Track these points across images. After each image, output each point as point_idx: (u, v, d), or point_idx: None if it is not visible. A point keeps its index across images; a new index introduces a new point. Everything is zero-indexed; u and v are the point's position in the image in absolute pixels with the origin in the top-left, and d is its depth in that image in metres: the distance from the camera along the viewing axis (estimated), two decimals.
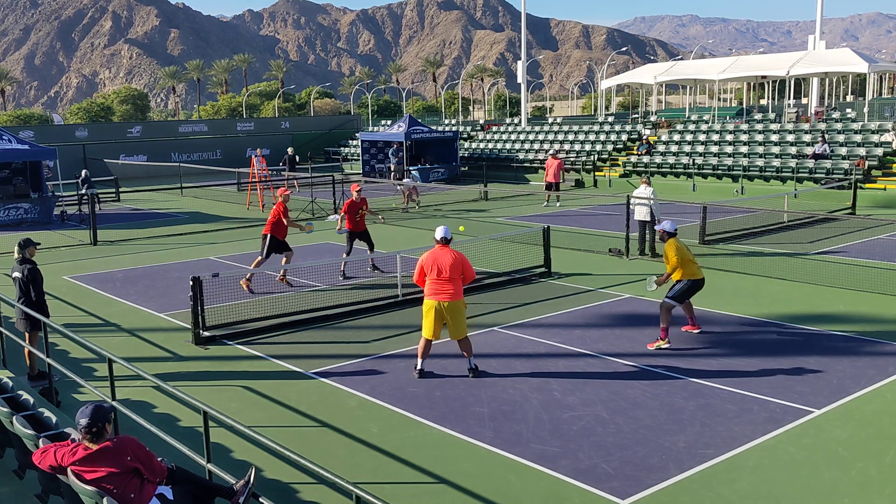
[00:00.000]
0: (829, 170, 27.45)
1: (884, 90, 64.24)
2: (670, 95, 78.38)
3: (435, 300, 9.62)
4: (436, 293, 9.62)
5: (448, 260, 9.63)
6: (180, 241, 21.39)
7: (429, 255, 9.78)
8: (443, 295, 9.59)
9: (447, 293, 9.59)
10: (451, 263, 9.62)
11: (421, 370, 9.89)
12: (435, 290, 9.63)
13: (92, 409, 5.26)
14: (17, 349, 10.39)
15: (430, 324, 9.69)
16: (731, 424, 8.23)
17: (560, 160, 27.35)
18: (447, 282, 9.60)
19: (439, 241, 9.85)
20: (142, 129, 47.62)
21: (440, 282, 9.61)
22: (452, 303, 9.60)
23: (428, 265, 9.70)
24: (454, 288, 9.62)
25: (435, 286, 9.63)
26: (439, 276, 9.60)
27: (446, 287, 9.60)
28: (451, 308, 9.61)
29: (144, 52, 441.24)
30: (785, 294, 13.85)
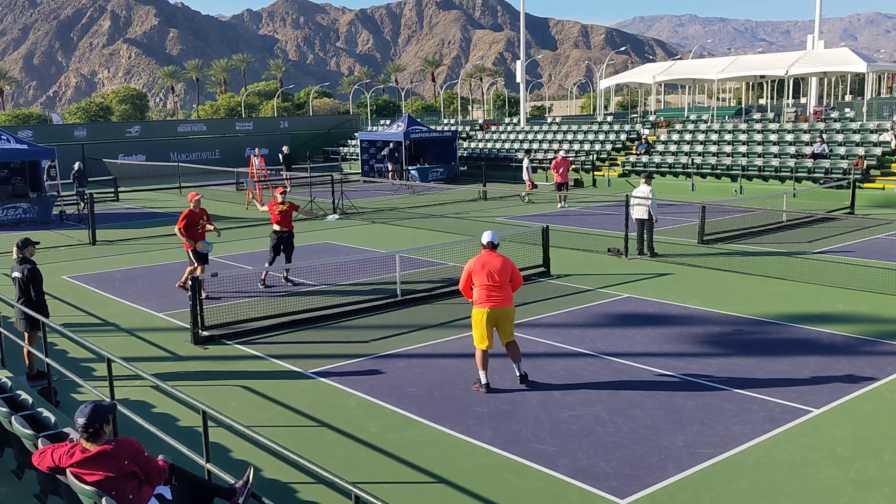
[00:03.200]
0: (827, 169, 27.46)
1: (882, 90, 64.27)
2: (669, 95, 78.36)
3: (486, 307, 9.22)
4: (486, 300, 9.23)
5: (497, 265, 9.30)
6: (179, 241, 21.31)
7: (476, 261, 9.40)
8: (493, 301, 9.21)
9: (497, 299, 9.22)
10: (500, 268, 9.28)
11: (487, 384, 9.34)
12: (485, 296, 9.24)
13: (91, 408, 5.23)
14: (17, 349, 10.38)
15: (483, 333, 9.27)
16: (730, 424, 8.23)
17: (567, 160, 27.36)
18: (497, 287, 9.24)
19: (486, 245, 9.48)
20: (140, 128, 47.61)
21: (490, 288, 9.23)
22: (503, 309, 9.25)
23: (476, 271, 9.33)
24: (504, 294, 9.27)
25: (484, 293, 9.25)
26: (489, 282, 9.23)
27: (496, 293, 9.23)
28: (502, 314, 9.26)
29: (143, 52, 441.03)
30: (783, 294, 13.86)
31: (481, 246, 9.55)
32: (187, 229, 14.24)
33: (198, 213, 14.37)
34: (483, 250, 9.49)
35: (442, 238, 20.28)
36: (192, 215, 14.29)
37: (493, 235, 9.56)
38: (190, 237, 14.29)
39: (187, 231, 14.25)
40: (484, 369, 9.37)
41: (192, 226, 14.27)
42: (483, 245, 9.53)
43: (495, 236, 9.57)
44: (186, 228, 14.24)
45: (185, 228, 14.24)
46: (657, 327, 11.93)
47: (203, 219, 14.42)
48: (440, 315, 12.84)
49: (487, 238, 9.53)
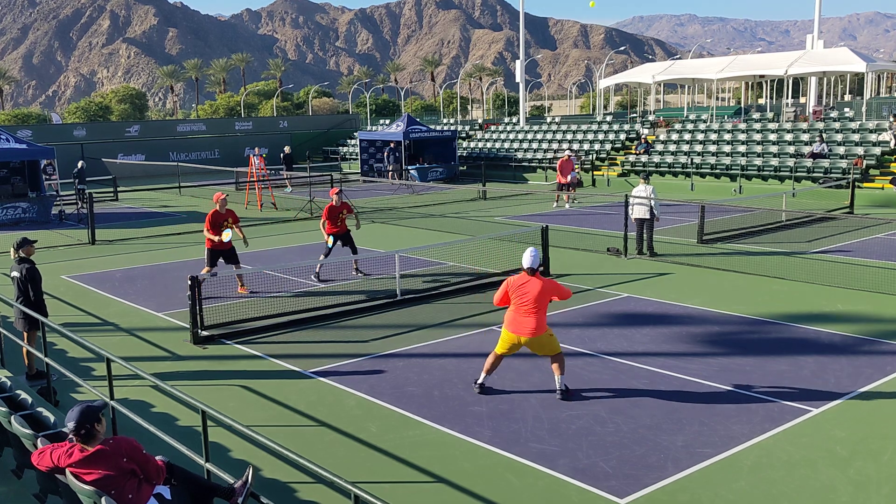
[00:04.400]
0: (826, 169, 27.47)
1: (882, 89, 64.25)
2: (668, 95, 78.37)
3: (515, 334, 8.83)
4: (518, 326, 8.80)
5: (535, 291, 8.78)
6: (179, 241, 21.38)
7: (515, 281, 8.95)
8: (524, 329, 8.78)
9: (529, 328, 8.76)
10: (538, 294, 8.77)
11: (482, 385, 9.22)
12: (517, 322, 8.81)
13: (78, 411, 5.22)
14: (16, 349, 10.38)
15: (505, 349, 9.03)
16: (730, 424, 8.24)
17: (573, 161, 27.28)
18: (530, 314, 8.77)
19: (525, 269, 8.95)
20: (140, 128, 47.57)
21: (523, 313, 8.79)
22: (533, 339, 8.82)
23: (513, 290, 8.89)
24: (537, 322, 8.77)
25: (516, 318, 8.83)
26: (523, 307, 8.78)
27: (528, 321, 8.77)
28: (533, 343, 8.87)
29: (142, 52, 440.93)
30: (783, 293, 13.86)
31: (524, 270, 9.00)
32: (213, 230, 14.20)
33: (223, 215, 14.32)
34: (522, 271, 8.99)
35: (441, 238, 20.28)
36: (217, 216, 14.26)
37: (533, 259, 8.94)
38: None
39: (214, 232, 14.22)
40: (488, 372, 9.23)
41: (216, 227, 14.23)
42: (524, 269, 8.98)
43: (536, 260, 8.96)
44: (212, 229, 14.20)
45: (211, 230, 14.19)
46: (656, 327, 11.94)
47: (229, 220, 14.36)
48: (440, 315, 12.84)
49: (527, 261, 8.95)
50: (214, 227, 14.20)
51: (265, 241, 20.95)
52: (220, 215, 14.28)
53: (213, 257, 14.38)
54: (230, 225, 14.37)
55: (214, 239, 14.18)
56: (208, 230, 14.21)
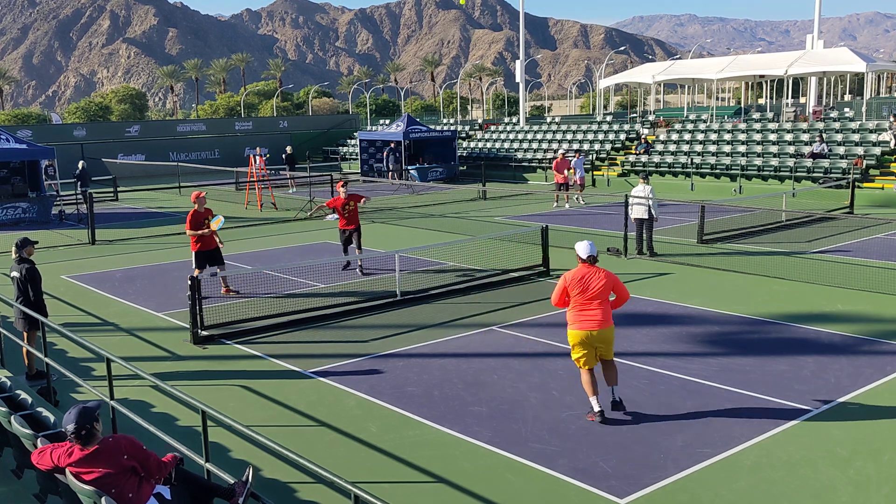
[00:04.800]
0: (826, 169, 27.47)
1: (882, 89, 64.26)
2: (668, 95, 78.40)
3: (583, 329, 8.31)
4: (583, 321, 8.31)
5: (597, 280, 8.34)
6: (178, 241, 21.36)
7: (573, 275, 8.42)
8: (591, 322, 8.29)
9: (595, 320, 8.29)
10: (602, 284, 8.34)
11: (601, 412, 8.34)
12: (581, 317, 8.32)
13: (76, 413, 5.22)
14: (16, 349, 10.38)
15: (585, 354, 8.41)
16: (729, 424, 8.23)
17: (568, 160, 27.28)
18: (596, 307, 8.31)
19: (584, 259, 8.45)
20: (140, 128, 47.56)
21: (587, 306, 8.31)
22: (602, 331, 8.32)
23: (572, 286, 8.36)
24: (603, 314, 8.34)
25: (581, 312, 8.33)
26: (586, 300, 8.32)
27: (594, 313, 8.30)
28: (601, 337, 8.35)
29: (142, 52, 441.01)
30: (783, 293, 13.86)
31: (578, 260, 8.52)
32: (194, 230, 14.18)
33: (203, 213, 14.29)
34: (580, 264, 8.48)
35: (441, 238, 20.28)
36: (197, 215, 14.23)
37: (591, 247, 8.49)
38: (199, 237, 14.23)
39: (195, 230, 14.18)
40: (594, 394, 8.40)
41: (198, 227, 14.20)
42: (581, 259, 8.48)
43: (594, 248, 8.51)
44: (194, 229, 14.18)
45: (193, 229, 14.18)
46: (656, 327, 11.94)
47: (209, 218, 14.32)
48: (440, 315, 12.84)
49: (586, 251, 8.46)
50: (195, 226, 14.18)
51: (265, 241, 20.95)
52: (199, 214, 14.25)
53: (201, 259, 14.34)
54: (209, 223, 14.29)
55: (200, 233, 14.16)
56: (189, 230, 14.20)
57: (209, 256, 14.39)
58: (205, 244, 14.27)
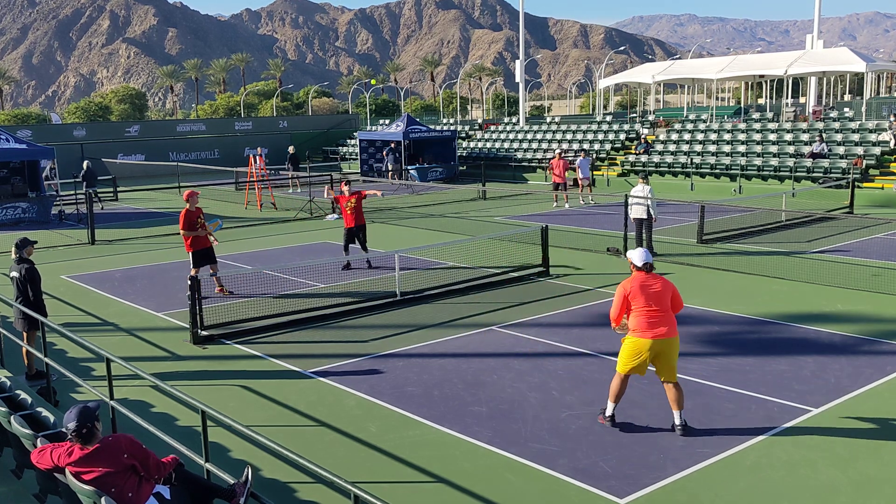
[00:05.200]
0: (826, 169, 27.47)
1: (881, 89, 64.26)
2: (668, 95, 78.36)
3: (649, 338, 7.82)
4: (650, 328, 7.85)
5: (658, 288, 7.99)
6: (178, 241, 21.29)
7: (632, 283, 8.04)
8: (659, 329, 7.83)
9: (662, 329, 7.84)
10: (662, 291, 7.97)
11: (612, 417, 8.18)
12: (648, 324, 7.86)
13: (77, 412, 5.24)
14: (15, 349, 10.38)
15: (635, 363, 7.96)
16: (729, 423, 8.23)
17: (566, 160, 27.27)
18: (662, 314, 7.90)
19: (641, 267, 8.11)
20: (140, 128, 47.54)
21: (652, 314, 7.87)
22: (668, 340, 7.87)
23: (634, 294, 7.95)
24: (668, 322, 7.91)
25: (645, 320, 7.88)
26: (651, 308, 7.89)
27: (660, 321, 7.86)
28: (667, 347, 7.88)
29: (142, 52, 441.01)
30: (782, 293, 13.86)
31: (633, 268, 8.16)
32: (188, 230, 14.17)
33: (195, 212, 14.29)
34: (636, 272, 8.14)
35: (441, 238, 20.28)
36: (190, 214, 14.21)
37: (646, 255, 8.21)
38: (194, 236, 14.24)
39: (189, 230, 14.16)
40: (615, 401, 8.15)
41: (192, 226, 14.19)
42: (637, 266, 8.13)
43: (649, 255, 8.25)
44: (188, 229, 14.17)
45: (187, 229, 14.18)
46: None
47: (200, 217, 14.34)
48: (439, 315, 12.84)
49: (642, 258, 8.14)
50: (190, 226, 14.17)
51: (265, 241, 20.95)
52: (192, 213, 14.25)
53: (198, 259, 14.34)
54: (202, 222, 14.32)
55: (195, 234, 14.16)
56: (184, 230, 14.18)
57: (205, 255, 14.40)
58: (200, 243, 14.27)
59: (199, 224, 14.25)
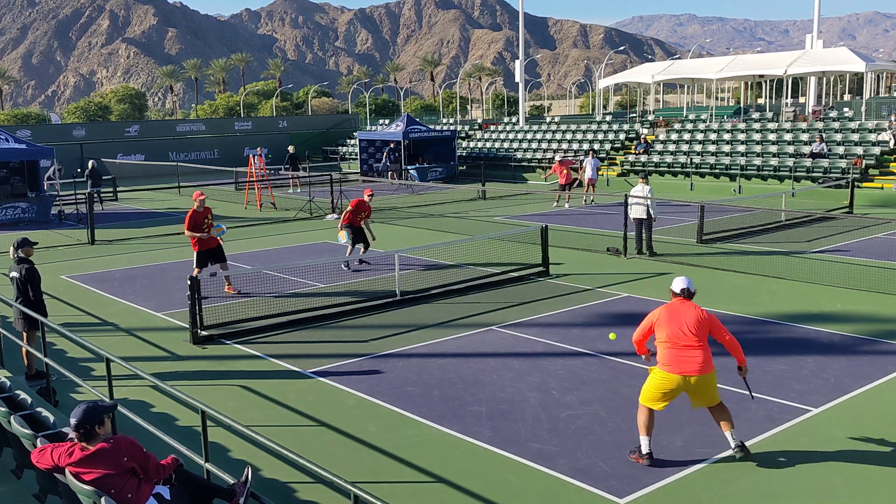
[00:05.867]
0: (826, 169, 27.48)
1: (881, 89, 64.27)
2: (668, 94, 78.35)
3: (677, 374, 7.17)
4: (677, 362, 7.19)
5: (692, 317, 7.29)
6: (178, 241, 21.36)
7: (663, 311, 7.46)
8: (690, 365, 7.15)
9: (696, 363, 7.16)
10: (696, 322, 7.26)
11: (650, 454, 7.39)
12: (676, 358, 7.21)
13: (83, 409, 5.24)
14: (15, 349, 10.38)
15: (660, 396, 7.32)
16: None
17: (569, 160, 27.18)
18: (693, 347, 7.20)
19: (678, 293, 7.53)
20: (139, 128, 47.53)
21: (680, 347, 7.21)
22: (703, 377, 7.18)
23: (662, 322, 7.37)
24: (701, 356, 7.19)
25: (673, 352, 7.23)
26: (679, 339, 7.23)
27: (694, 354, 7.18)
28: (701, 384, 7.21)
29: (142, 52, 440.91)
30: (782, 293, 13.87)
31: (671, 294, 7.63)
32: (193, 230, 14.21)
33: (202, 213, 14.31)
34: (673, 298, 7.57)
35: (441, 238, 20.28)
36: (196, 215, 14.26)
37: (687, 282, 7.59)
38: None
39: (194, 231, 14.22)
40: (647, 435, 7.42)
41: (197, 226, 14.23)
42: (674, 292, 7.57)
43: (691, 283, 7.61)
44: (192, 229, 14.21)
45: (191, 229, 14.21)
46: None
47: (207, 218, 14.36)
48: (439, 315, 12.84)
49: (681, 284, 7.56)
50: (195, 227, 14.19)
51: (265, 241, 20.95)
52: (198, 214, 14.28)
53: (203, 258, 14.36)
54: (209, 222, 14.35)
55: (198, 235, 14.18)
56: (188, 231, 14.22)
57: (211, 255, 14.42)
58: (207, 243, 14.33)
59: (206, 225, 14.28)
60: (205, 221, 14.29)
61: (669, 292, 7.65)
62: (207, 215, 14.39)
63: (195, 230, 14.19)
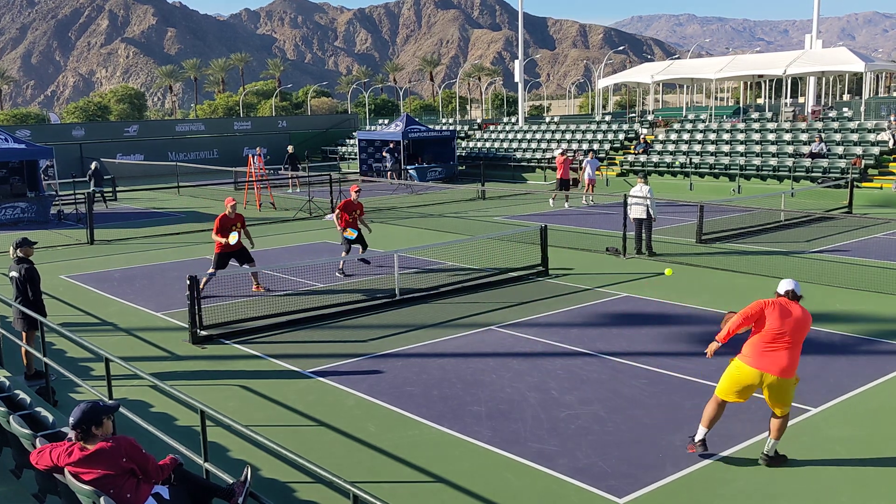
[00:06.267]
0: (825, 169, 27.49)
1: (880, 89, 64.32)
2: (667, 94, 78.40)
3: (760, 369, 7.04)
4: (761, 358, 7.06)
5: (798, 321, 7.11)
6: (177, 241, 21.37)
7: (775, 304, 7.22)
8: (773, 365, 7.02)
9: (779, 365, 7.01)
10: (801, 326, 7.10)
11: (703, 442, 7.35)
12: (761, 353, 7.08)
13: (82, 409, 5.24)
14: (14, 348, 10.37)
15: (737, 389, 7.23)
16: (728, 423, 8.22)
17: (568, 158, 27.13)
18: (786, 349, 7.05)
19: (783, 294, 7.30)
20: (139, 128, 47.50)
21: (776, 344, 7.05)
22: (781, 381, 7.04)
23: (771, 313, 7.13)
24: (790, 359, 7.05)
25: (764, 349, 7.07)
26: (779, 338, 7.05)
27: (781, 355, 7.03)
28: (778, 386, 7.06)
29: (141, 51, 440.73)
30: None
31: (776, 295, 7.37)
32: (221, 234, 14.15)
33: (232, 219, 14.26)
34: (781, 298, 7.30)
35: (440, 237, 20.28)
36: (227, 220, 14.22)
37: (794, 284, 7.35)
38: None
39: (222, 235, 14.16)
40: (708, 427, 7.37)
41: (224, 231, 14.17)
42: (779, 294, 7.34)
43: (798, 286, 7.36)
44: (220, 233, 14.15)
45: (220, 234, 14.14)
46: (655, 326, 11.94)
47: (237, 225, 14.29)
48: (438, 315, 12.84)
49: (785, 286, 7.34)
50: (223, 231, 14.18)
51: (264, 241, 20.92)
52: (228, 220, 14.28)
53: (222, 260, 14.38)
54: (238, 229, 14.34)
55: (222, 241, 14.17)
56: (216, 234, 14.20)
57: (233, 256, 14.44)
58: (228, 246, 14.30)
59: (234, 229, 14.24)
60: (232, 228, 14.22)
61: (774, 294, 7.40)
62: (238, 222, 14.31)
63: (223, 234, 14.14)
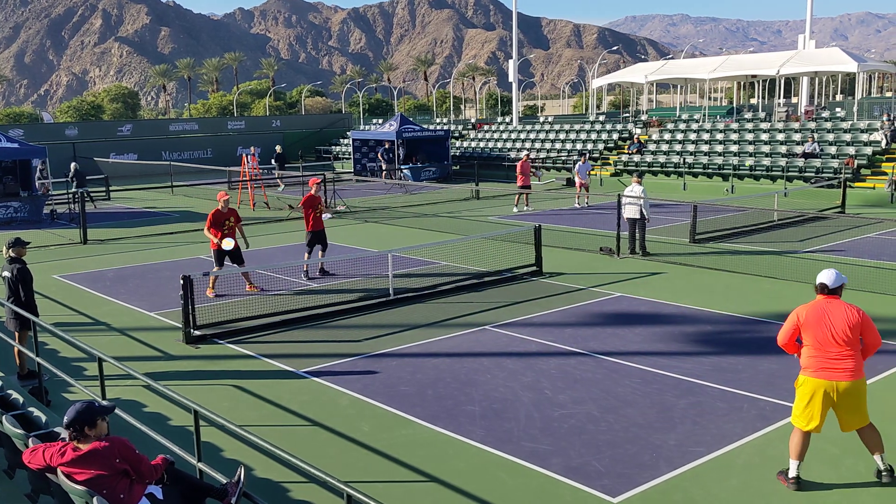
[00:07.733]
0: (818, 169, 27.57)
1: (873, 89, 64.56)
2: (661, 94, 78.48)
3: (824, 378, 6.62)
4: (825, 368, 6.62)
5: (842, 318, 6.61)
6: (171, 240, 21.33)
7: (810, 311, 6.76)
8: (838, 372, 6.59)
9: (845, 370, 6.59)
10: (850, 324, 6.60)
11: (797, 479, 6.82)
12: (823, 363, 6.63)
13: (76, 409, 5.24)
14: (7, 348, 10.35)
15: (814, 412, 6.71)
16: (722, 422, 8.26)
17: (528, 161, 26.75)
18: (843, 352, 6.60)
19: (823, 290, 6.83)
20: (132, 127, 47.42)
21: (828, 351, 6.63)
22: (852, 384, 6.61)
23: (809, 324, 6.71)
24: (854, 362, 6.63)
25: (820, 357, 6.65)
26: (828, 342, 6.62)
27: (842, 360, 6.60)
28: (850, 392, 6.63)
29: (135, 51, 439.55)
30: (775, 292, 13.91)
31: (816, 290, 6.92)
32: (214, 229, 14.16)
33: (225, 214, 14.28)
34: (819, 296, 6.86)
35: (434, 237, 20.28)
36: (219, 215, 14.23)
37: (836, 277, 6.82)
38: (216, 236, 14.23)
39: (214, 231, 14.16)
40: (798, 458, 6.82)
41: (217, 225, 14.18)
42: (819, 290, 6.87)
43: (840, 278, 6.84)
44: (213, 228, 14.16)
45: (212, 228, 14.15)
46: (649, 326, 11.96)
47: (230, 220, 14.31)
48: (432, 314, 12.84)
49: (828, 278, 6.82)
50: (216, 225, 14.18)
51: (257, 241, 20.88)
52: (221, 214, 14.27)
53: (220, 257, 14.40)
54: (231, 224, 14.32)
55: (216, 241, 14.14)
56: (209, 229, 14.17)
57: (228, 255, 14.40)
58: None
59: (227, 227, 14.22)
60: (226, 223, 14.22)
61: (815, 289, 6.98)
62: (231, 217, 14.32)
63: (216, 228, 14.14)
